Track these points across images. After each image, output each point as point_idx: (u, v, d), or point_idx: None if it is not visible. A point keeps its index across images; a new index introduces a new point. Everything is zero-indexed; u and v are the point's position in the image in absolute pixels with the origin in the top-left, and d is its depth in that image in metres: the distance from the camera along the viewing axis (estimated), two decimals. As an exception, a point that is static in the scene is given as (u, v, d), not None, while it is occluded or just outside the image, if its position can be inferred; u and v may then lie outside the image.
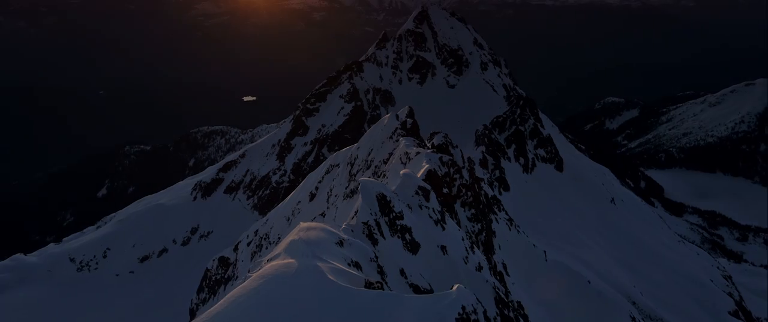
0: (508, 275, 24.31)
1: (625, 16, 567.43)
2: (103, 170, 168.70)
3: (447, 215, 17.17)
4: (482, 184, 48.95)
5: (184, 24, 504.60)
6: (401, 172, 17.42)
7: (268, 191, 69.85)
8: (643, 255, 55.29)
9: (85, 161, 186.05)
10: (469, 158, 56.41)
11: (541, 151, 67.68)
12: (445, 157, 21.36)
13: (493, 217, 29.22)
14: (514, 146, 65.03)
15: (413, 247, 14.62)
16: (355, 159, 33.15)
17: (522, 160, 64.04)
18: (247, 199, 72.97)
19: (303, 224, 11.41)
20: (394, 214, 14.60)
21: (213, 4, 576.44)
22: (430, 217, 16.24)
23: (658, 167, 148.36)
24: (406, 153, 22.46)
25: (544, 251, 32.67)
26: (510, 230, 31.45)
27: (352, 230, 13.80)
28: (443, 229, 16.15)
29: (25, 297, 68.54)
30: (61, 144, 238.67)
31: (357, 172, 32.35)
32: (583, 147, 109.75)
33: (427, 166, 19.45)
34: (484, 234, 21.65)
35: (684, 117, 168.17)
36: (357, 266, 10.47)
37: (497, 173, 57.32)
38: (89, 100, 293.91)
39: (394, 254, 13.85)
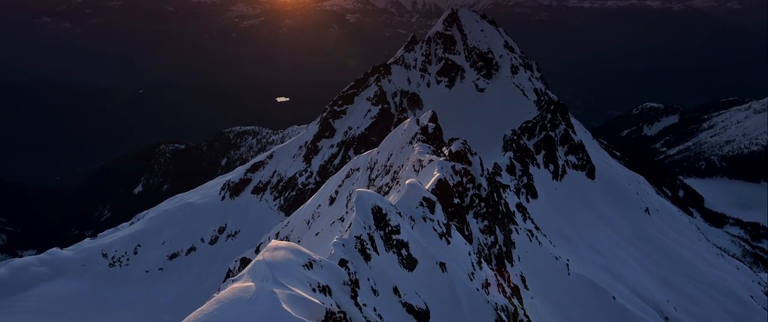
0: (527, 289, 23.37)
1: (666, 18, 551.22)
2: (140, 167, 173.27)
3: (454, 228, 16.45)
4: (508, 191, 47.82)
5: (220, 25, 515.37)
6: (407, 182, 16.80)
7: (294, 193, 70.11)
8: (678, 268, 52.97)
9: (123, 158, 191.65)
10: (495, 164, 55.30)
11: (572, 158, 65.76)
12: (458, 166, 20.61)
13: (513, 227, 28.25)
14: (543, 152, 63.35)
15: (409, 263, 13.92)
16: (374, 164, 32.64)
17: (551, 166, 62.31)
18: (274, 200, 73.40)
19: (272, 243, 10.89)
20: (390, 228, 13.93)
21: (248, 6, 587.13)
22: (435, 230, 15.53)
23: (698, 175, 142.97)
24: (419, 160, 21.81)
25: (567, 264, 31.42)
26: (530, 241, 30.36)
27: (344, 245, 13.23)
28: (448, 243, 15.44)
29: (60, 290, 70.42)
30: (102, 141, 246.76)
31: (376, 177, 31.83)
32: (619, 154, 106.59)
33: (437, 175, 18.76)
34: (498, 247, 20.81)
35: (727, 124, 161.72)
36: (326, 290, 9.87)
37: (525, 179, 55.90)
38: (129, 99, 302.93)
39: (388, 271, 13.20)
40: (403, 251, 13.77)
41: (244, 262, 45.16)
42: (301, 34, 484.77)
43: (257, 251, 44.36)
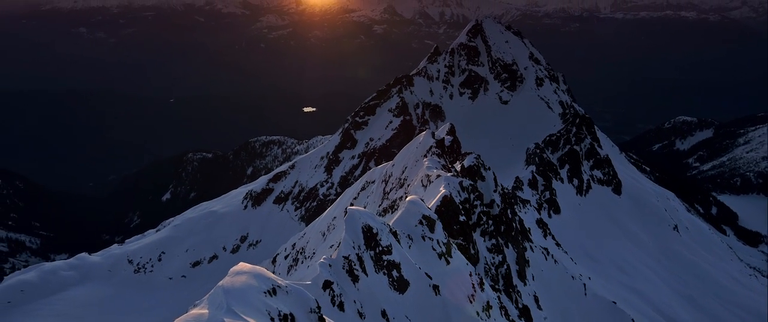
0: (541, 309, 22.62)
1: (703, 29, 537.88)
2: (169, 175, 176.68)
3: (455, 247, 15.98)
4: (528, 206, 46.85)
5: (249, 36, 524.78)
6: (407, 198, 16.44)
7: (315, 203, 70.26)
8: (707, 288, 50.96)
9: (153, 166, 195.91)
10: (516, 179, 54.32)
11: (597, 173, 64.27)
12: (466, 182, 20.14)
13: (527, 245, 27.51)
14: (567, 167, 62.08)
15: (401, 285, 13.48)
16: (389, 177, 32.33)
17: (576, 181, 60.98)
18: (295, 210, 73.68)
19: (236, 267, 10.63)
20: (380, 248, 13.54)
21: (277, 17, 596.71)
22: (434, 249, 15.08)
23: (733, 192, 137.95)
24: (428, 175, 21.42)
25: (584, 284, 30.43)
26: (546, 259, 29.52)
27: (330, 265, 12.90)
28: (447, 263, 14.98)
29: (87, 294, 71.75)
30: (133, 149, 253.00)
31: (390, 190, 31.52)
32: (648, 169, 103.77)
33: (443, 191, 18.33)
34: (506, 266, 20.21)
35: (764, 139, 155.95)
36: (288, 319, 9.51)
37: (547, 194, 54.78)
38: (160, 108, 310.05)
39: (376, 293, 12.78)
40: (394, 273, 13.37)
41: (261, 272, 45.25)
42: (328, 44, 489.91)
43: (274, 262, 44.43)
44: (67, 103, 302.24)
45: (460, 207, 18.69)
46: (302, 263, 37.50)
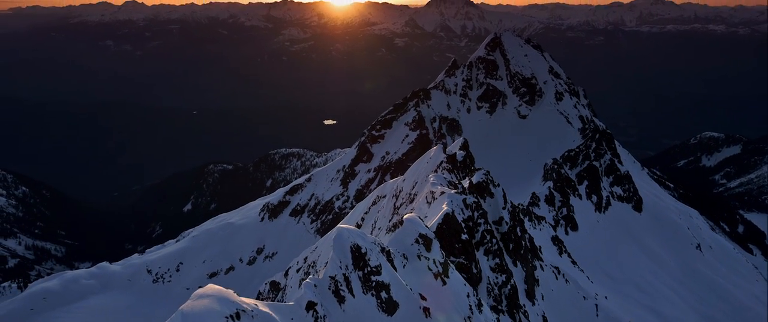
0: (549, 331, 22.11)
1: (731, 43, 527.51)
2: (190, 186, 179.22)
3: (452, 268, 15.69)
4: (543, 223, 46.11)
5: (272, 49, 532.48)
6: (405, 216, 16.26)
7: (330, 216, 70.29)
8: (730, 310, 49.24)
9: (175, 177, 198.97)
10: (533, 194, 53.56)
11: (617, 189, 63.00)
12: (470, 199, 19.87)
13: (537, 263, 26.98)
14: (586, 183, 60.95)
15: (389, 307, 13.22)
16: (399, 192, 32.16)
17: (594, 198, 59.81)
18: (311, 223, 73.79)
19: (202, 290, 10.50)
20: (369, 268, 13.31)
21: (299, 30, 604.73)
22: (429, 269, 14.80)
23: (761, 210, 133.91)
24: (432, 192, 21.23)
25: (596, 305, 29.66)
26: (557, 278, 28.90)
27: (316, 285, 12.74)
28: (443, 283, 14.69)
29: (106, 303, 72.67)
30: (157, 159, 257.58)
31: (401, 205, 31.31)
32: (672, 185, 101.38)
33: (445, 208, 18.09)
34: (510, 286, 19.78)
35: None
36: None
37: (564, 210, 53.84)
38: (183, 119, 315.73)
39: (363, 315, 12.53)
40: (383, 294, 13.12)
41: (274, 285, 45.27)
42: (349, 57, 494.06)
43: (286, 274, 44.44)
44: (94, 114, 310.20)
45: (463, 225, 18.43)
46: (312, 276, 37.25)
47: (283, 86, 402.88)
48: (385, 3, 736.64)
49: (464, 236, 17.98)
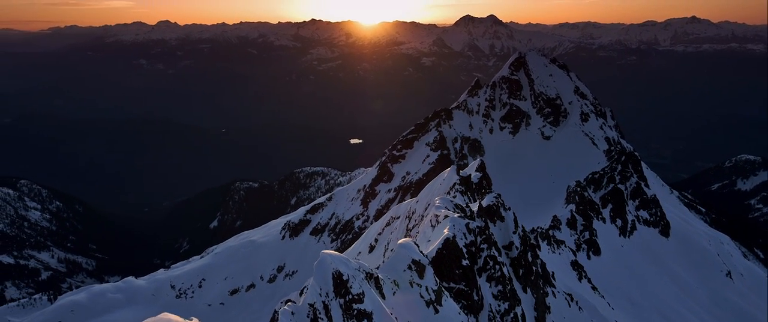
0: (559, 361, 21.39)
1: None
2: (217, 203, 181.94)
3: (446, 295, 15.37)
4: (563, 247, 45.09)
5: (300, 68, 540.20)
6: (399, 241, 16.08)
7: (350, 236, 70.24)
8: (764, 343, 47.05)
9: (203, 194, 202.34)
10: (554, 217, 52.53)
11: (643, 213, 61.32)
12: (473, 224, 19.56)
13: (549, 290, 26.30)
14: (610, 206, 59.54)
15: None
16: (412, 213, 31.97)
17: (619, 222, 58.31)
18: (331, 242, 73.87)
19: (160, 316, 10.47)
20: (351, 296, 13.13)
21: (327, 50, 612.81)
22: (422, 296, 14.53)
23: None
24: (436, 215, 21.01)
25: (610, 335, 28.63)
26: (569, 305, 28.08)
27: (293, 313, 12.62)
28: (436, 311, 14.39)
29: (130, 317, 73.73)
30: (186, 176, 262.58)
31: (413, 227, 31.11)
32: (704, 210, 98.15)
33: (446, 233, 17.83)
34: (513, 314, 19.26)
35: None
36: None
37: (587, 234, 52.63)
38: (212, 137, 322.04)
39: None
40: (365, 322, 12.95)
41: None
42: (376, 76, 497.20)
43: (301, 293, 44.45)
44: (126, 131, 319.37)
45: (465, 250, 18.12)
46: (291, 303, 37.12)
47: (310, 105, 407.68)
48: (413, 22, 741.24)
49: (465, 262, 17.69)
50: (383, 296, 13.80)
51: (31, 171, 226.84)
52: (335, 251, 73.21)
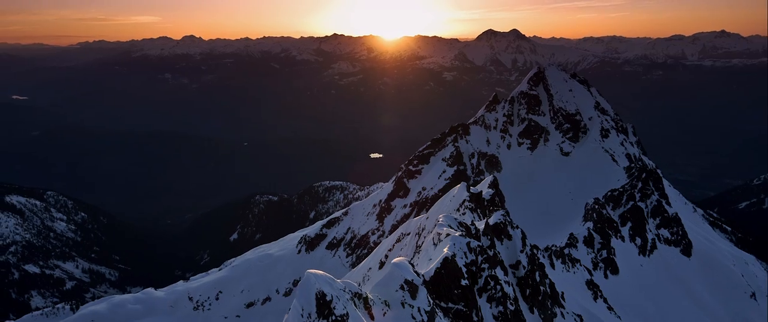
0: (566, 383, 20.90)
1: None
2: (237, 216, 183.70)
3: (439, 316, 15.20)
4: (578, 266, 44.30)
5: (321, 82, 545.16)
6: (393, 260, 16.00)
7: (365, 251, 70.09)
8: (791, 369, 45.29)
9: (225, 206, 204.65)
10: (570, 235, 51.70)
11: (664, 232, 60.00)
12: (474, 243, 19.37)
13: (558, 310, 25.78)
14: (630, 224, 58.46)
15: None
16: (422, 229, 31.80)
17: (639, 240, 57.15)
18: (346, 256, 73.82)
19: None
20: (334, 317, 13.06)
21: (349, 64, 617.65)
22: (413, 318, 14.39)
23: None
24: (439, 233, 20.89)
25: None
26: (579, 328, 27.48)
27: None
28: (428, 333, 14.27)
29: (149, 329, 74.59)
30: (209, 188, 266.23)
31: (423, 243, 30.93)
32: (730, 229, 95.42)
33: (446, 252, 17.68)
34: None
35: None
36: None
37: (604, 253, 51.67)
38: (234, 150, 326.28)
39: None
40: (348, 345, 12.85)
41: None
42: (397, 91, 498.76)
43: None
44: (151, 144, 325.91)
45: (464, 270, 17.95)
46: None
47: (331, 119, 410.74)
48: (435, 36, 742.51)
49: (464, 282, 17.52)
50: (372, 317, 13.74)
51: (58, 182, 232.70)
52: (350, 266, 72.91)
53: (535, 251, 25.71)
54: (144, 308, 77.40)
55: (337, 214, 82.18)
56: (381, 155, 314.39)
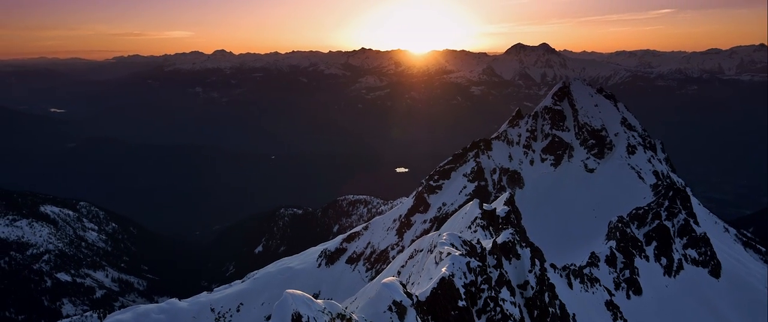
0: None
1: None
2: (262, 229, 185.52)
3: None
4: (597, 286, 43.18)
5: (348, 96, 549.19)
6: (383, 281, 15.84)
7: (384, 266, 69.85)
8: None
9: (250, 219, 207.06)
10: (592, 254, 50.52)
11: (691, 252, 58.08)
12: (474, 263, 19.07)
13: (568, 333, 25.13)
14: (655, 244, 56.80)
15: None
16: (434, 246, 31.56)
17: (664, 260, 55.46)
18: (366, 271, 73.63)
19: None
20: None
21: (376, 78, 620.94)
22: (400, 340, 14.23)
23: None
24: (440, 252, 20.66)
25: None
26: (589, 351, 26.67)
27: None
28: (414, 356, 14.03)
29: (171, 339, 75.50)
30: (237, 201, 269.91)
31: (426, 261, 30.64)
32: (764, 248, 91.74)
33: (444, 272, 17.44)
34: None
35: None
36: None
37: (627, 273, 50.32)
38: (262, 163, 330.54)
39: None
40: (324, 367, 12.69)
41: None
42: (424, 105, 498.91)
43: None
44: (181, 156, 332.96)
45: (463, 290, 17.66)
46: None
47: (357, 133, 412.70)
48: (463, 51, 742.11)
49: (462, 303, 17.26)
50: (356, 340, 13.63)
51: (90, 193, 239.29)
52: (369, 280, 72.57)
53: (545, 270, 25.19)
54: (167, 318, 78.38)
55: (357, 228, 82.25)
56: (407, 170, 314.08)
